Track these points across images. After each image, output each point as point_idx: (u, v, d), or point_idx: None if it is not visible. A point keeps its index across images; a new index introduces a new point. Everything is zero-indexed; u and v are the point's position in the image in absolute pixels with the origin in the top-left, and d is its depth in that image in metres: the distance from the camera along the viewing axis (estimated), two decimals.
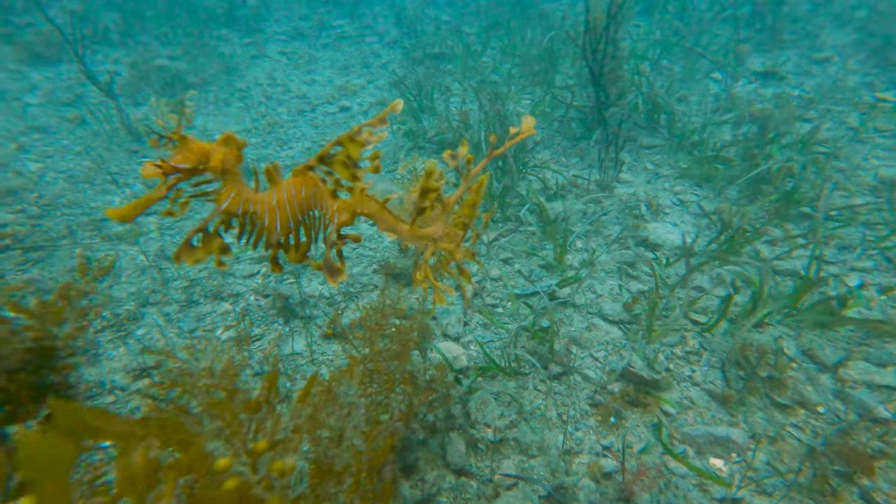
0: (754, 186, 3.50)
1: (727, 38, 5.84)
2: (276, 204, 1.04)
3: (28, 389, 1.15)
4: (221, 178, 1.00)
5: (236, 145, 1.00)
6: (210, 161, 0.97)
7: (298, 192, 1.05)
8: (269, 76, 6.33)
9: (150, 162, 0.96)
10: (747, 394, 2.09)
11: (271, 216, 1.04)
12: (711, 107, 4.73)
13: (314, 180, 1.08)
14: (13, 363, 1.09)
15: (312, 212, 1.09)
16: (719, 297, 2.73)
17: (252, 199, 1.04)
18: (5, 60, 5.95)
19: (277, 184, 1.06)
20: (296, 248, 1.11)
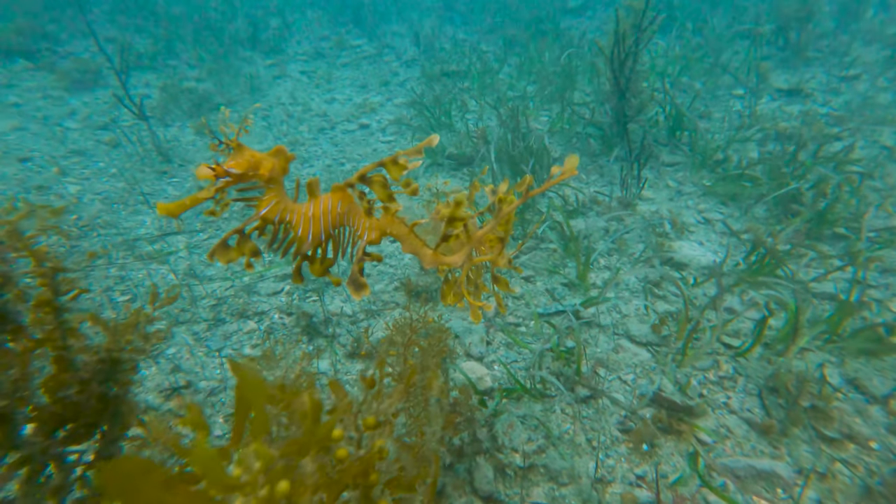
0: (784, 206, 3.41)
1: (745, 54, 5.80)
2: (312, 216, 1.07)
3: (96, 399, 1.16)
4: (266, 186, 1.03)
5: (285, 158, 1.04)
6: (260, 169, 1.00)
7: (335, 207, 1.08)
8: (291, 95, 6.48)
9: (205, 164, 1.00)
10: (790, 424, 1.99)
11: (305, 227, 1.07)
12: (735, 124, 4.67)
13: (351, 198, 1.10)
14: (86, 373, 1.11)
15: (344, 227, 1.12)
16: (752, 319, 2.64)
17: (290, 209, 1.08)
18: (48, 88, 6.23)
19: (316, 197, 1.08)
20: (321, 261, 1.13)
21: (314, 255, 1.12)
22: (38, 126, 5.42)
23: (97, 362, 1.19)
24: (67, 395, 1.15)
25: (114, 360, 1.22)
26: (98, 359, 1.19)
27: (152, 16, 8.49)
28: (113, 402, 1.25)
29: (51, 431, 1.17)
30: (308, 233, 1.06)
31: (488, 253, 1.23)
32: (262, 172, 1.01)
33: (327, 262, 1.12)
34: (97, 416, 1.21)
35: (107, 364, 1.20)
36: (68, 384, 1.14)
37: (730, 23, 6.80)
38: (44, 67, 6.65)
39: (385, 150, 5.21)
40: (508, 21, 8.30)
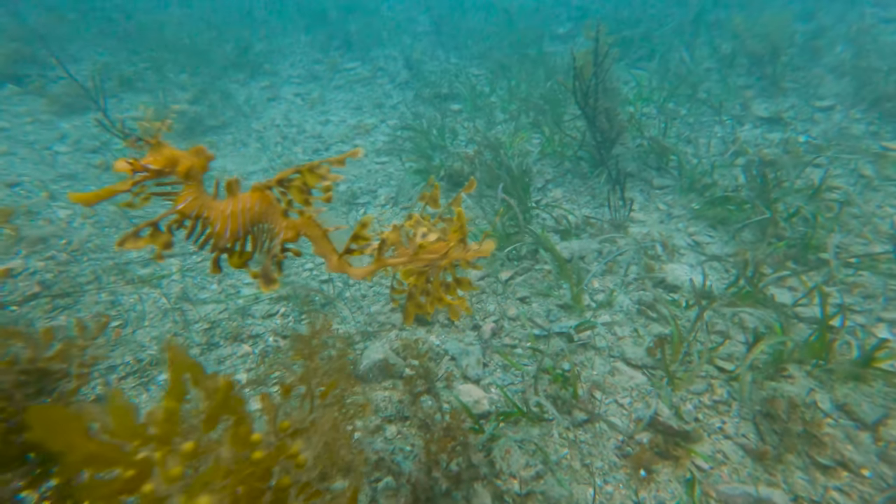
0: (767, 231, 3.52)
1: (723, 85, 6.06)
2: (231, 213, 1.12)
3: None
4: (185, 182, 1.07)
5: (205, 157, 1.09)
6: (178, 166, 1.05)
7: (253, 206, 1.15)
8: (285, 117, 6.54)
9: (123, 159, 1.03)
10: (784, 451, 2.01)
11: (223, 223, 1.13)
12: (720, 149, 4.84)
13: (270, 198, 1.16)
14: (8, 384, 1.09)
15: (262, 225, 1.18)
16: (744, 343, 2.69)
17: (208, 206, 1.13)
18: (38, 112, 6.19)
19: (235, 195, 1.13)
20: (240, 255, 1.19)
21: (233, 249, 1.18)
22: (27, 151, 5.36)
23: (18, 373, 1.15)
24: None
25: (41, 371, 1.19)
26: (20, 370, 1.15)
27: (144, 39, 8.55)
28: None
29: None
30: (226, 228, 1.12)
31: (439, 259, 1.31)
32: (180, 169, 1.06)
33: (245, 255, 1.18)
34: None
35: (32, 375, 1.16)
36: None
37: (710, 54, 7.11)
38: (33, 92, 6.61)
39: (379, 170, 5.26)
40: (497, 46, 8.55)
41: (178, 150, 1.08)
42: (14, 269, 3.45)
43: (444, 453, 1.96)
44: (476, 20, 10.63)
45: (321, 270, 3.62)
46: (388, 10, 11.31)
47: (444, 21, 10.32)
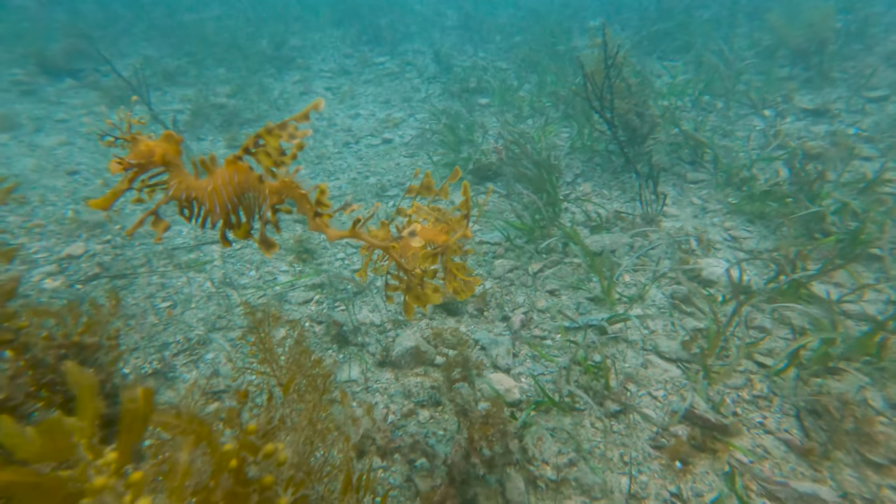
0: (813, 226, 3.39)
1: (762, 77, 5.82)
2: (213, 189, 1.15)
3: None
4: (167, 169, 1.11)
5: (175, 140, 1.13)
6: (154, 156, 1.08)
7: (231, 179, 1.17)
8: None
9: (113, 159, 1.07)
10: (832, 447, 1.95)
11: (210, 200, 1.17)
12: (759, 143, 4.67)
13: (245, 167, 1.18)
14: (50, 358, 1.16)
15: (248, 194, 1.21)
16: (784, 338, 2.60)
17: (192, 186, 1.17)
18: (92, 104, 6.54)
19: (213, 172, 1.16)
20: (238, 226, 1.21)
21: (234, 222, 1.22)
22: (84, 140, 5.68)
23: (58, 347, 1.22)
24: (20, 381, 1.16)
25: (81, 345, 1.25)
26: (59, 344, 1.22)
27: (186, 35, 8.87)
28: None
29: None
30: (214, 204, 1.16)
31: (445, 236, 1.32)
32: (156, 158, 1.10)
33: (244, 226, 1.23)
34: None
35: (76, 349, 1.23)
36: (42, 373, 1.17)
37: (749, 45, 6.86)
38: (87, 85, 6.98)
39: (407, 163, 5.31)
40: (526, 41, 8.48)
41: (151, 141, 1.13)
42: (76, 252, 3.68)
43: (484, 440, 1.98)
44: (505, 15, 10.57)
45: (353, 260, 3.69)
46: (418, 6, 11.35)
47: (473, 16, 10.30)
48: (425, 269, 1.36)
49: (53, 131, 5.89)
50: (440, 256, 1.39)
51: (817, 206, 3.32)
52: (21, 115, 6.22)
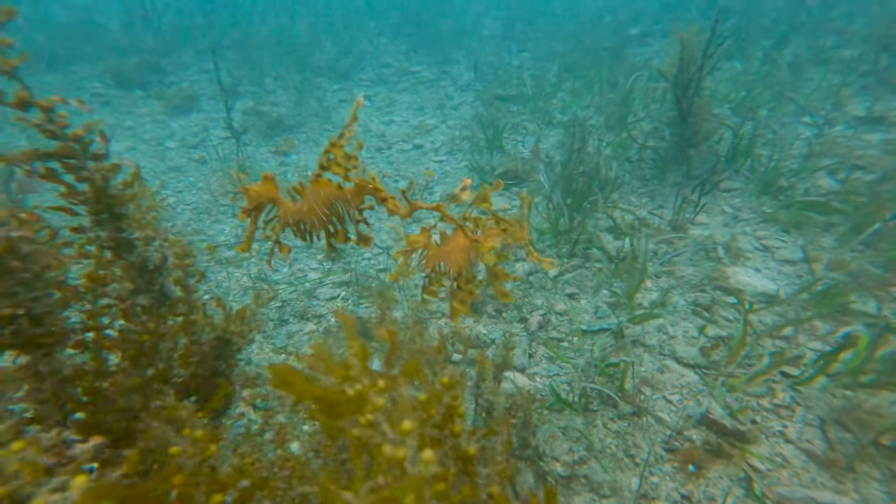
0: (848, 237, 3.23)
1: (817, 82, 5.57)
2: (308, 209, 1.32)
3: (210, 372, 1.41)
4: (274, 204, 1.29)
5: (272, 180, 1.35)
6: (263, 197, 1.28)
7: (319, 195, 1.35)
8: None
9: (240, 210, 1.34)
10: (858, 460, 1.87)
11: (309, 218, 1.35)
12: (803, 151, 4.48)
13: (326, 182, 1.34)
14: (207, 346, 1.36)
15: (336, 204, 1.37)
16: (813, 350, 2.50)
17: (293, 211, 1.34)
18: (155, 113, 7.18)
19: (304, 194, 1.33)
20: (336, 234, 1.35)
21: (333, 230, 1.39)
22: (146, 146, 6.24)
23: (215, 339, 1.41)
24: (192, 365, 1.37)
25: (226, 339, 1.45)
26: (215, 336, 1.41)
27: (241, 48, 9.51)
28: (222, 380, 1.47)
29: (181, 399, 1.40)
30: (313, 220, 1.35)
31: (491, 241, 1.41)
32: (265, 197, 1.33)
33: (341, 232, 1.39)
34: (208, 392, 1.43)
35: (221, 342, 1.43)
36: (194, 354, 1.37)
37: (808, 47, 6.57)
38: (153, 96, 7.66)
39: (437, 168, 5.46)
40: (566, 51, 8.50)
41: (256, 186, 1.36)
42: None
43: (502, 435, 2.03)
44: (544, 23, 10.64)
45: (378, 260, 3.85)
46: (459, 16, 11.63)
47: (511, 26, 10.44)
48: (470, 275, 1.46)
49: (122, 137, 6.50)
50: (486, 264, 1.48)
51: (878, 220, 3.17)
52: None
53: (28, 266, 1.00)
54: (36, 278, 1.02)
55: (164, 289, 1.31)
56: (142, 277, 1.27)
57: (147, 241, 1.26)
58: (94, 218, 1.20)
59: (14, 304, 1.00)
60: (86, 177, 1.13)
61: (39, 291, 1.03)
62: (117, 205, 1.21)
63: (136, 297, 1.25)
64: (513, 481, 2.06)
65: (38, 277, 1.02)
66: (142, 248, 1.25)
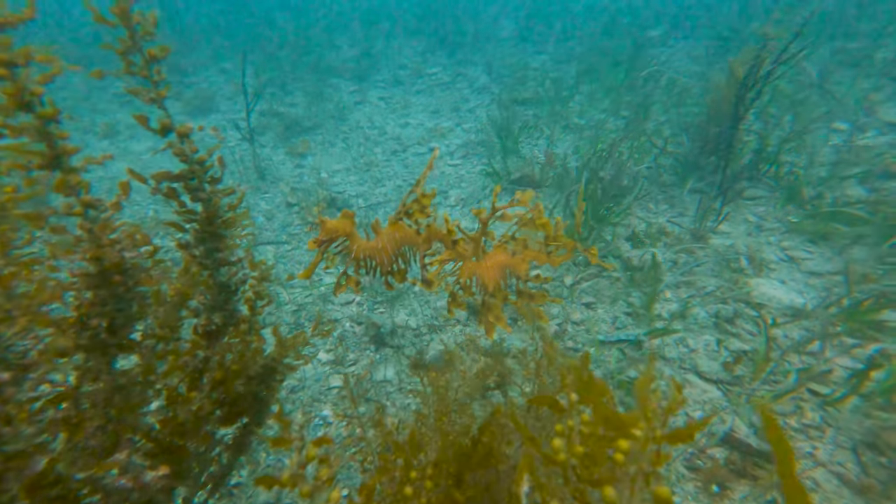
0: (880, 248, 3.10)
1: (848, 85, 5.40)
2: (382, 248, 1.42)
3: (251, 396, 1.43)
4: (347, 238, 1.31)
5: (350, 217, 1.42)
6: (339, 231, 1.30)
7: (393, 236, 1.44)
8: (369, 120, 7.01)
9: (311, 241, 1.40)
10: (895, 486, 1.78)
11: (381, 256, 1.44)
12: (831, 159, 4.34)
13: (403, 226, 1.38)
14: (253, 371, 1.38)
15: (405, 247, 1.47)
16: (844, 367, 2.41)
17: (366, 248, 1.41)
18: (175, 113, 7.31)
19: (379, 233, 1.37)
20: (399, 273, 1.47)
21: (392, 270, 1.49)
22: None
23: (262, 367, 1.45)
24: (237, 385, 1.40)
25: (272, 368, 1.48)
26: (263, 363, 1.44)
27: (257, 49, 9.64)
28: (260, 403, 1.50)
29: (211, 411, 1.43)
30: (384, 258, 1.45)
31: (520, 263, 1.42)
32: (340, 233, 1.40)
33: (402, 272, 1.49)
34: (246, 409, 1.46)
35: (267, 370, 1.46)
36: (241, 376, 1.41)
37: (832, 53, 6.39)
38: (172, 96, 7.79)
39: (452, 172, 5.44)
40: (582, 54, 8.41)
41: (335, 221, 1.45)
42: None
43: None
44: (563, 25, 10.55)
45: None
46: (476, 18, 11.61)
47: (529, 28, 10.38)
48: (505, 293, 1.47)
49: (144, 138, 6.63)
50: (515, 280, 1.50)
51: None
52: (120, 123, 7.06)
53: (126, 280, 1.03)
54: (127, 291, 1.04)
55: (235, 308, 1.36)
56: (221, 295, 1.32)
57: (238, 262, 1.34)
58: (199, 236, 1.27)
59: (102, 313, 1.06)
60: (202, 198, 1.22)
61: (125, 304, 1.06)
62: (225, 227, 1.28)
63: (211, 314, 1.27)
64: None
65: (130, 290, 1.04)
66: (232, 270, 1.32)
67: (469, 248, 1.44)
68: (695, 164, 4.32)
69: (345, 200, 4.83)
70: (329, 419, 2.55)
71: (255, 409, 1.47)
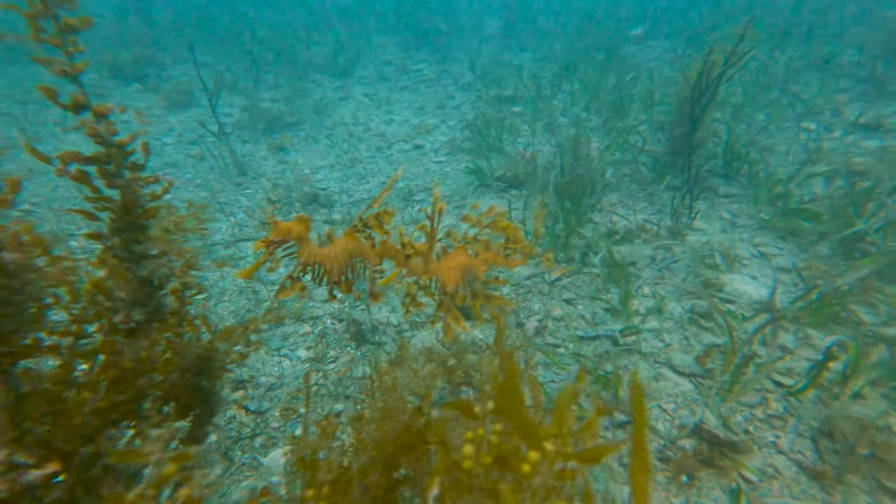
0: (850, 245, 3.24)
1: (811, 89, 5.57)
2: (334, 256, 1.41)
3: (189, 388, 1.40)
4: (298, 243, 1.32)
5: (305, 221, 1.40)
6: (292, 234, 1.30)
7: (347, 247, 1.44)
8: (354, 116, 6.97)
9: (258, 241, 1.37)
10: (846, 471, 1.88)
11: (331, 264, 1.43)
12: (800, 158, 4.49)
13: (358, 238, 1.40)
14: (187, 363, 1.34)
15: (356, 259, 1.47)
16: (808, 359, 2.52)
17: (318, 254, 1.40)
18: (153, 107, 7.13)
19: (333, 242, 1.38)
20: (345, 284, 1.46)
21: (340, 281, 1.47)
22: (144, 140, 6.20)
23: (196, 357, 1.40)
24: (171, 378, 1.36)
25: (208, 357, 1.44)
26: (197, 354, 1.40)
27: (240, 43, 9.47)
28: (203, 393, 1.46)
29: (159, 408, 1.40)
30: (334, 267, 1.43)
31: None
32: (294, 235, 1.37)
33: (349, 283, 1.48)
34: (191, 402, 1.44)
35: (202, 360, 1.42)
36: (174, 369, 1.36)
37: (803, 53, 6.57)
38: (150, 89, 7.61)
39: (437, 169, 5.45)
40: (564, 50, 8.48)
41: (287, 223, 1.42)
42: None
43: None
44: (545, 24, 10.60)
45: None
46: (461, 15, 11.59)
47: (513, 24, 10.40)
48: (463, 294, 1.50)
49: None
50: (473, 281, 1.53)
51: (861, 225, 3.18)
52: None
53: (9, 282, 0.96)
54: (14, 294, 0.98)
55: (160, 303, 1.28)
56: (142, 291, 1.24)
57: (161, 256, 1.25)
58: (114, 226, 1.17)
59: None
60: (120, 185, 1.11)
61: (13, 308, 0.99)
62: (144, 217, 1.18)
63: (131, 311, 1.23)
64: None
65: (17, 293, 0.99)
66: (155, 263, 1.24)
67: (419, 266, 1.46)
68: (672, 163, 4.42)
69: (328, 196, 4.81)
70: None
71: (201, 401, 1.45)
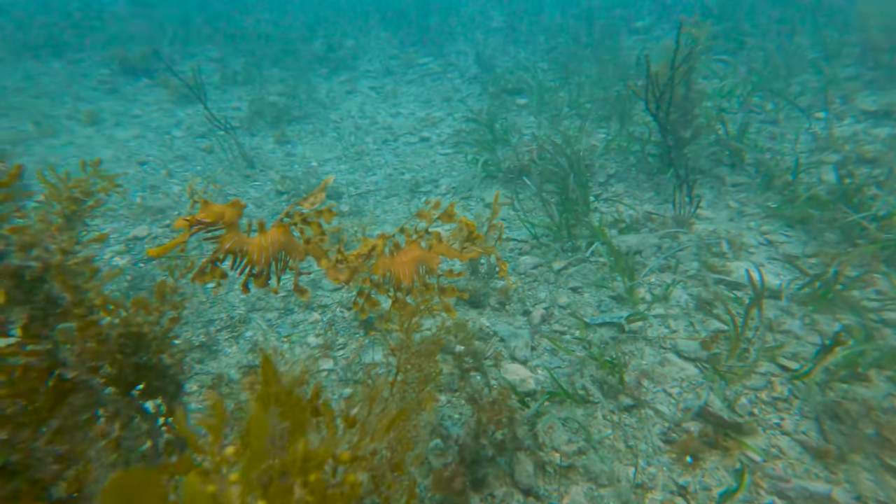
0: (852, 232, 3.23)
1: (821, 77, 5.51)
2: (263, 246, 1.36)
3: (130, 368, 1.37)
4: (227, 228, 1.33)
5: (240, 206, 1.39)
6: (224, 217, 1.30)
7: (276, 239, 1.39)
8: (360, 109, 7.00)
9: (181, 218, 1.34)
10: (850, 451, 1.91)
11: (259, 255, 1.37)
12: (809, 146, 4.45)
13: (289, 232, 1.39)
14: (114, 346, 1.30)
15: (282, 252, 1.45)
16: (813, 344, 2.53)
17: (246, 242, 1.38)
18: (162, 101, 7.22)
19: (264, 232, 1.38)
20: (264, 278, 1.45)
21: (259, 273, 1.44)
22: (153, 134, 6.30)
23: (119, 337, 1.33)
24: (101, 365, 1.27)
25: (134, 334, 1.36)
26: (119, 333, 1.33)
27: (245, 39, 9.53)
28: (157, 368, 1.40)
29: (127, 391, 1.37)
30: (261, 257, 1.41)
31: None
32: (225, 220, 1.35)
33: (264, 277, 1.46)
34: (154, 379, 1.40)
35: (129, 338, 1.34)
36: (103, 356, 1.27)
37: (812, 43, 6.49)
38: (160, 84, 7.70)
39: (443, 161, 5.48)
40: (570, 42, 8.43)
41: (220, 206, 1.38)
42: (141, 234, 4.15)
43: (492, 424, 2.10)
44: (551, 16, 10.52)
45: None
46: (465, 7, 11.54)
47: (518, 17, 10.35)
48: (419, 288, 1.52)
49: (129, 125, 6.57)
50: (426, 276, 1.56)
51: (865, 212, 3.17)
52: (104, 110, 6.98)
53: None
54: None
55: (50, 296, 1.16)
56: (18, 288, 1.11)
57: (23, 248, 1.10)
58: None
59: None
60: None
61: None
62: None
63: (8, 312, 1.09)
64: (511, 470, 2.13)
65: None
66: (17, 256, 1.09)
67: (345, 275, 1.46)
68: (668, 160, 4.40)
69: (335, 188, 4.87)
70: None
71: (159, 376, 1.42)
